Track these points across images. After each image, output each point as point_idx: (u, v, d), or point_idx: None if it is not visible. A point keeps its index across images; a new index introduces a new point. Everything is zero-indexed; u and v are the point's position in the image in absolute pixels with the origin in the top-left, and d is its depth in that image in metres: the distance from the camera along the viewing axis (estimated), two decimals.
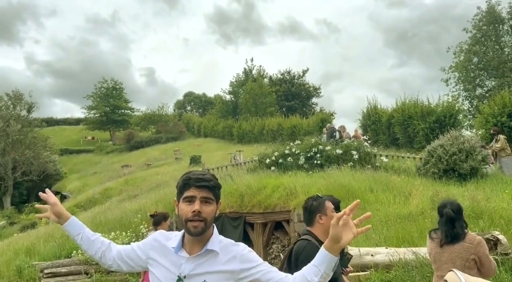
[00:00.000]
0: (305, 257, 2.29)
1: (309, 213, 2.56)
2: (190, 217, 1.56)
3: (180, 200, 1.64)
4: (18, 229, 19.97)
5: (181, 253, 1.62)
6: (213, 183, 1.62)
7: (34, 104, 35.40)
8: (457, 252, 3.01)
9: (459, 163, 9.08)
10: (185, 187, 1.61)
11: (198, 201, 1.58)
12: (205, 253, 1.61)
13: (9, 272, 9.89)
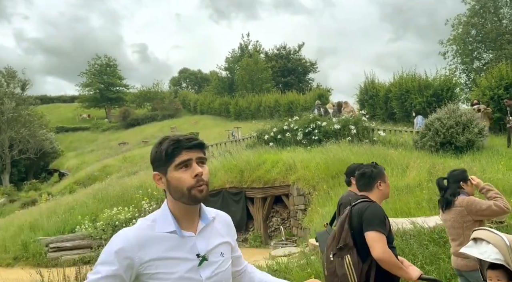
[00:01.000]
0: (371, 214, 2.44)
1: (370, 179, 2.67)
2: (194, 184, 1.33)
3: (170, 170, 1.35)
4: (19, 206, 20.18)
5: (185, 233, 1.37)
6: (202, 141, 1.43)
7: (27, 82, 35.03)
8: (453, 217, 3.24)
9: (456, 136, 9.21)
10: (175, 151, 1.34)
11: (194, 163, 1.35)
12: (205, 226, 1.43)
13: (14, 247, 10.12)
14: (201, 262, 1.35)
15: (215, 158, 13.72)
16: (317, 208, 8.21)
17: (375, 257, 2.36)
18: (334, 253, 2.51)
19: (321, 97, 24.18)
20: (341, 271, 2.44)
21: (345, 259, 2.45)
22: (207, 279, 1.35)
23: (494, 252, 2.16)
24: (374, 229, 2.40)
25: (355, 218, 2.52)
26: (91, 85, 47.85)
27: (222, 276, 1.41)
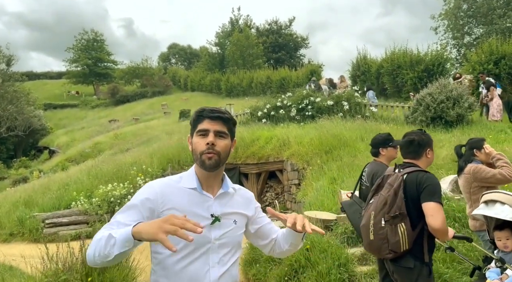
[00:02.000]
0: (432, 185, 2.51)
1: (420, 146, 2.70)
2: (204, 149, 1.49)
3: (193, 135, 1.54)
4: (10, 184, 20.08)
5: (205, 193, 1.53)
6: (227, 115, 1.56)
7: (12, 57, 34.13)
8: (462, 182, 3.51)
9: (447, 111, 9.39)
10: (199, 119, 1.53)
11: (212, 133, 1.50)
12: (224, 193, 1.57)
13: (10, 223, 10.17)
14: (214, 221, 1.48)
15: None
16: (311, 182, 8.37)
17: (434, 227, 2.43)
18: (386, 220, 2.58)
19: (313, 73, 24.13)
20: (394, 238, 2.54)
21: (399, 227, 2.54)
22: (216, 239, 1.49)
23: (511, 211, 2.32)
24: (435, 200, 2.47)
25: (411, 187, 2.56)
26: (78, 60, 46.84)
27: (230, 240, 1.53)
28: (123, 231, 1.28)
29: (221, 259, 1.49)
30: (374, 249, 2.72)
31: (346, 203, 3.78)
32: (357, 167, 7.80)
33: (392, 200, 2.58)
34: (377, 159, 3.63)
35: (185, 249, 1.43)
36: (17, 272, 5.90)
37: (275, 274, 4.85)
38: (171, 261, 1.45)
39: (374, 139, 3.71)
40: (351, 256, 4.88)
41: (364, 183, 3.68)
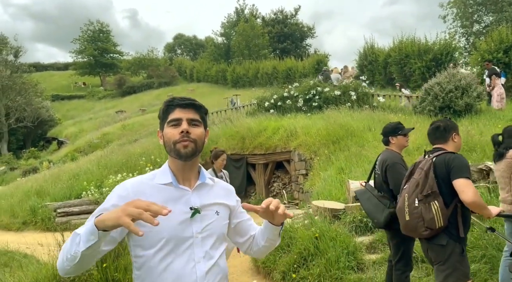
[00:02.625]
0: (459, 163, 2.70)
1: (445, 131, 2.91)
2: (178, 138, 1.40)
3: (165, 126, 1.45)
4: (20, 174, 20.38)
5: (182, 186, 1.44)
6: (198, 103, 1.49)
7: (20, 49, 34.35)
8: (503, 167, 3.57)
9: (455, 100, 9.33)
10: (169, 109, 1.45)
11: (185, 121, 1.42)
12: (202, 184, 1.49)
13: (23, 212, 10.38)
14: (194, 214, 1.39)
15: (216, 125, 13.82)
16: (319, 172, 8.42)
17: (467, 201, 2.61)
18: (419, 199, 2.75)
19: (319, 63, 24.00)
20: (428, 216, 2.71)
21: (432, 205, 2.71)
22: (198, 233, 1.40)
23: None
24: (463, 176, 2.65)
25: (441, 167, 2.75)
26: (84, 51, 46.98)
27: (214, 231, 1.45)
28: (86, 225, 1.21)
29: (206, 252, 1.41)
30: (410, 229, 2.87)
31: (360, 191, 3.87)
32: (364, 157, 7.84)
33: (424, 181, 2.76)
34: (388, 147, 3.67)
35: (167, 246, 1.35)
36: (32, 259, 6.05)
37: (284, 262, 4.93)
38: (154, 262, 1.36)
39: (385, 128, 3.74)
40: (359, 245, 4.95)
41: (376, 171, 3.74)
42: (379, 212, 3.48)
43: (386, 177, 3.51)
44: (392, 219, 3.38)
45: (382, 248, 4.92)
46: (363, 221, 5.35)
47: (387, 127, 3.72)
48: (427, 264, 4.42)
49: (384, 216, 3.41)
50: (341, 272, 4.53)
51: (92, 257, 1.25)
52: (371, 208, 3.58)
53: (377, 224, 3.56)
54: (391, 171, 3.46)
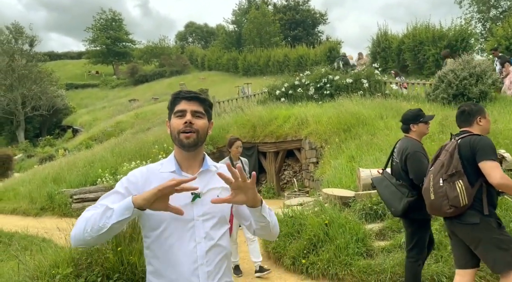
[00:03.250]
0: (485, 145, 2.77)
1: (470, 115, 2.99)
2: (182, 128, 1.52)
3: (171, 117, 1.58)
4: (37, 161, 20.86)
5: (184, 174, 1.55)
6: (203, 97, 1.60)
7: (35, 38, 34.72)
8: None
9: (469, 87, 9.19)
10: (175, 101, 1.58)
11: (189, 113, 1.54)
12: (206, 170, 1.59)
13: (41, 198, 10.68)
14: (194, 198, 1.51)
15: (227, 113, 13.89)
16: (329, 160, 8.44)
17: (495, 182, 2.68)
18: (444, 179, 2.84)
19: (331, 50, 23.76)
20: (452, 194, 2.79)
21: (456, 184, 2.79)
22: (199, 216, 1.51)
23: None
24: (489, 158, 2.71)
25: (465, 148, 2.82)
26: (97, 40, 47.34)
27: (215, 214, 1.54)
28: (122, 202, 1.36)
29: (207, 234, 1.51)
30: (435, 208, 2.94)
31: (376, 178, 3.85)
32: (375, 145, 7.82)
33: (449, 161, 2.83)
34: (408, 135, 3.62)
35: (170, 227, 1.48)
36: (50, 243, 6.26)
37: (294, 248, 5.02)
38: (159, 242, 1.49)
39: (405, 115, 3.69)
40: (368, 231, 5.00)
41: (394, 159, 3.72)
42: (397, 200, 3.47)
43: (405, 165, 3.48)
44: (409, 208, 3.40)
45: (391, 235, 4.96)
46: (373, 208, 5.39)
47: (407, 114, 3.67)
48: (436, 251, 4.46)
49: (402, 205, 3.41)
50: (350, 258, 4.60)
51: (115, 231, 1.40)
52: (388, 196, 3.58)
53: (395, 212, 3.55)
54: (412, 160, 3.42)
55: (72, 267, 3.93)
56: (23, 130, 32.97)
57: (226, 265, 1.59)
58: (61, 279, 3.79)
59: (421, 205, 3.38)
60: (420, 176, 3.33)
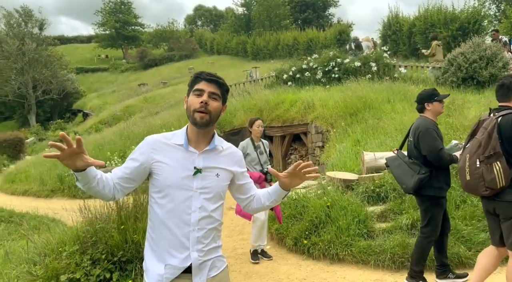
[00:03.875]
0: None
1: (509, 89, 2.91)
2: (197, 107, 1.66)
3: (189, 94, 1.73)
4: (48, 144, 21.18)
5: (191, 149, 1.71)
6: (222, 81, 1.74)
7: (44, 21, 34.86)
8: None
9: (479, 71, 9.02)
10: (196, 80, 1.72)
11: (206, 94, 1.67)
12: (212, 149, 1.74)
13: (51, 180, 10.92)
14: (195, 173, 1.68)
15: (234, 98, 13.88)
16: (335, 144, 8.43)
17: None
18: (481, 160, 2.78)
19: (342, 33, 23.41)
20: (489, 176, 2.75)
21: (494, 166, 2.73)
22: (197, 188, 1.68)
23: None
24: None
25: (506, 128, 2.74)
26: (106, 24, 47.31)
27: (212, 190, 1.72)
28: None
29: (202, 205, 1.68)
30: (470, 189, 2.94)
31: (390, 158, 3.87)
32: (381, 129, 7.78)
33: (486, 142, 2.77)
34: (423, 115, 3.63)
35: (170, 194, 1.66)
36: (59, 223, 6.45)
37: (297, 229, 5.09)
38: (160, 205, 1.68)
39: (420, 95, 3.69)
40: (370, 214, 5.03)
41: (409, 139, 3.74)
42: (408, 177, 3.50)
43: (418, 143, 3.50)
44: (421, 185, 3.43)
45: (393, 217, 4.99)
46: (376, 191, 5.41)
47: (422, 94, 3.68)
48: None
49: (413, 182, 3.44)
50: (351, 238, 4.66)
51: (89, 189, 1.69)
52: (400, 174, 3.61)
53: (406, 189, 3.59)
54: (424, 137, 3.44)
55: (78, 244, 4.06)
56: (34, 114, 33.45)
57: (215, 233, 1.76)
58: (68, 256, 3.92)
59: (433, 182, 3.44)
60: (433, 152, 3.34)
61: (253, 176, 4.60)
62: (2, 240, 6.51)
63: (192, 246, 1.67)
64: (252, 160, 4.89)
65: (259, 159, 4.92)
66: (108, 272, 3.81)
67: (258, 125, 5.00)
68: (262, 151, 5.01)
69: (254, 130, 4.99)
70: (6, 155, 19.00)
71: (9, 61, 31.48)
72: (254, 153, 4.90)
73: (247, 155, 4.85)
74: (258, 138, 5.03)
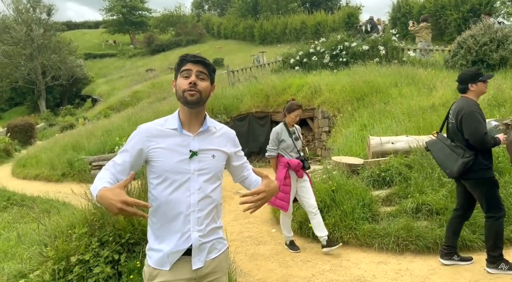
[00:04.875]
0: None
1: None
2: (187, 88, 1.68)
3: (177, 77, 1.74)
4: (58, 130, 21.48)
5: (185, 132, 1.74)
6: (208, 61, 1.76)
7: (52, 7, 34.84)
8: None
9: (489, 53, 8.85)
10: (182, 62, 1.73)
11: (194, 74, 1.70)
12: (206, 130, 1.77)
13: (61, 165, 11.10)
14: (191, 155, 1.72)
15: (241, 83, 13.82)
16: (341, 129, 8.41)
17: None
18: None
19: (350, 16, 23.03)
20: None
21: None
22: (195, 170, 1.72)
23: None
24: None
25: None
26: (113, 9, 47.12)
27: (209, 171, 1.76)
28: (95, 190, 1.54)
29: (201, 186, 1.73)
30: None
31: (430, 141, 3.77)
32: (388, 113, 7.73)
33: None
34: (465, 95, 3.52)
35: (169, 178, 1.70)
36: (69, 206, 6.59)
37: (302, 213, 5.14)
38: (159, 189, 1.71)
39: (462, 74, 3.58)
40: (375, 198, 5.06)
41: (450, 121, 3.64)
42: (452, 161, 3.42)
43: (461, 125, 3.40)
44: (466, 169, 3.35)
45: (398, 201, 5.01)
46: (381, 175, 5.41)
47: (465, 74, 3.58)
48: (441, 216, 4.50)
49: (458, 166, 3.36)
50: (355, 222, 4.70)
51: None
52: (443, 158, 3.52)
53: (450, 174, 3.50)
54: (468, 120, 3.34)
55: (86, 227, 4.15)
56: (44, 100, 33.75)
57: (214, 213, 1.81)
58: (77, 238, 4.02)
59: (479, 164, 3.36)
60: (477, 137, 3.26)
61: (293, 163, 4.49)
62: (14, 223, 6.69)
63: (193, 226, 1.72)
64: (288, 146, 4.59)
65: (294, 145, 4.62)
66: (116, 254, 3.89)
67: (296, 115, 4.66)
68: (297, 136, 4.72)
69: (290, 118, 4.65)
70: (18, 140, 19.30)
71: (18, 47, 31.63)
72: (289, 139, 4.59)
73: (281, 141, 4.58)
74: (292, 125, 4.73)
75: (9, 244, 5.35)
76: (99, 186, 1.56)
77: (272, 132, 4.64)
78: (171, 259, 1.71)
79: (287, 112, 4.68)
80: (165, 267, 1.71)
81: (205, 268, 1.77)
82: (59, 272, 3.51)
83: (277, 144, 4.58)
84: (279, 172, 4.55)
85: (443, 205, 4.59)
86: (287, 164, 4.50)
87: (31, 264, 3.71)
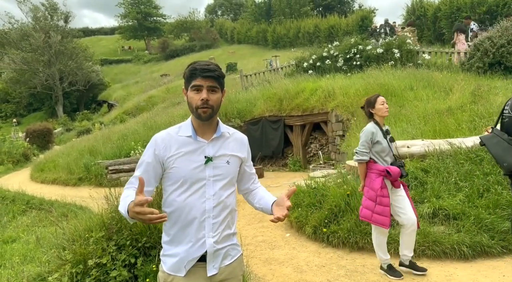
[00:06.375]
0: None
1: None
2: (199, 104, 1.70)
3: (188, 89, 1.75)
4: (75, 135, 21.88)
5: (199, 139, 1.76)
6: (217, 73, 1.74)
7: (69, 14, 35.60)
8: None
9: (507, 56, 8.69)
10: (192, 76, 1.73)
11: (205, 89, 1.70)
12: (219, 137, 1.80)
13: (78, 169, 11.29)
14: (207, 161, 1.74)
15: (254, 87, 13.87)
16: (355, 133, 8.35)
17: None
18: None
19: (364, 19, 22.91)
20: None
21: None
22: (210, 176, 1.74)
23: None
24: None
25: None
26: (128, 15, 47.94)
27: (224, 177, 1.78)
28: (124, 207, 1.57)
29: (216, 192, 1.74)
30: None
31: (486, 136, 3.74)
32: (403, 117, 7.66)
33: None
34: None
35: (185, 184, 1.72)
36: (86, 210, 6.70)
37: (316, 217, 5.12)
38: (175, 195, 1.73)
39: None
40: None
41: (506, 115, 3.62)
42: (510, 155, 3.25)
43: None
44: None
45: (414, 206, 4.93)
46: None
47: None
48: (458, 221, 4.43)
49: None
50: (371, 227, 4.65)
51: None
52: (500, 152, 3.34)
53: (508, 167, 3.32)
54: None
55: (103, 231, 4.21)
56: (61, 105, 34.44)
57: (229, 219, 1.83)
58: (94, 242, 4.09)
59: None
60: None
61: (393, 171, 3.69)
62: (33, 227, 6.83)
63: (208, 232, 1.73)
64: (383, 149, 3.73)
65: (390, 148, 3.78)
66: (133, 257, 3.94)
67: (382, 102, 3.80)
68: (392, 137, 3.87)
69: (378, 110, 3.78)
70: (36, 145, 19.73)
71: (36, 54, 32.39)
72: (385, 141, 3.73)
73: (376, 143, 3.72)
74: (383, 120, 3.85)
75: (28, 247, 5.47)
76: (125, 205, 1.58)
77: (364, 131, 3.77)
78: (187, 266, 1.72)
79: (371, 109, 3.83)
80: (180, 273, 1.72)
81: (220, 274, 1.77)
82: (77, 275, 3.56)
83: (370, 146, 3.73)
84: (373, 182, 3.77)
85: (460, 209, 4.51)
86: (385, 171, 3.71)
87: (49, 267, 3.78)
